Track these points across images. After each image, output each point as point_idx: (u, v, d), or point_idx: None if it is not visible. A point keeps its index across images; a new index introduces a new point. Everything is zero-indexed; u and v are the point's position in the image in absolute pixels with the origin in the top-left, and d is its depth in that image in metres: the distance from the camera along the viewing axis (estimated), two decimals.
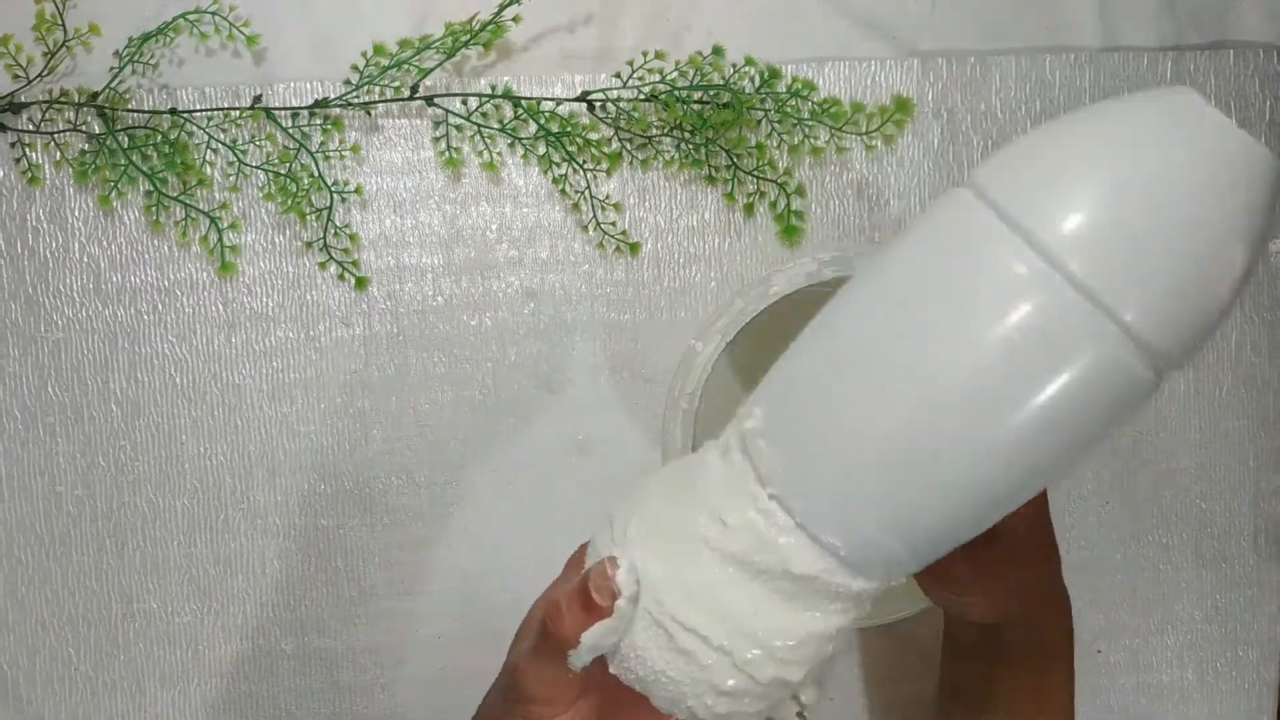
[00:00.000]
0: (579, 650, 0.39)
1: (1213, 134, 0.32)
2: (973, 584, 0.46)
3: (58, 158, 0.62)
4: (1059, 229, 0.31)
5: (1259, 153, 0.32)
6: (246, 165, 0.62)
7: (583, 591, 0.38)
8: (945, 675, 0.56)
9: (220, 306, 0.64)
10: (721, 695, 0.38)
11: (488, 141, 0.63)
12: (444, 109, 0.63)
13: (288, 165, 0.62)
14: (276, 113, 0.62)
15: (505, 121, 0.63)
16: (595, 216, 0.64)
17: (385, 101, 0.63)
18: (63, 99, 0.61)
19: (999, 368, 0.32)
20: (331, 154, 0.63)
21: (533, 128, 0.63)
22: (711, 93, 0.62)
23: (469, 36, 0.62)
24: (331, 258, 0.63)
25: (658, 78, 0.63)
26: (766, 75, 0.63)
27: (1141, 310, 0.31)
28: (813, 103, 0.64)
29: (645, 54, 0.63)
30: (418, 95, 0.62)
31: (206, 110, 0.62)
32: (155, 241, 0.63)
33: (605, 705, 0.43)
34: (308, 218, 0.63)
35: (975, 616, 0.48)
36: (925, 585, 0.47)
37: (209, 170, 0.63)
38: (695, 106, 0.62)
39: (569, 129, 0.63)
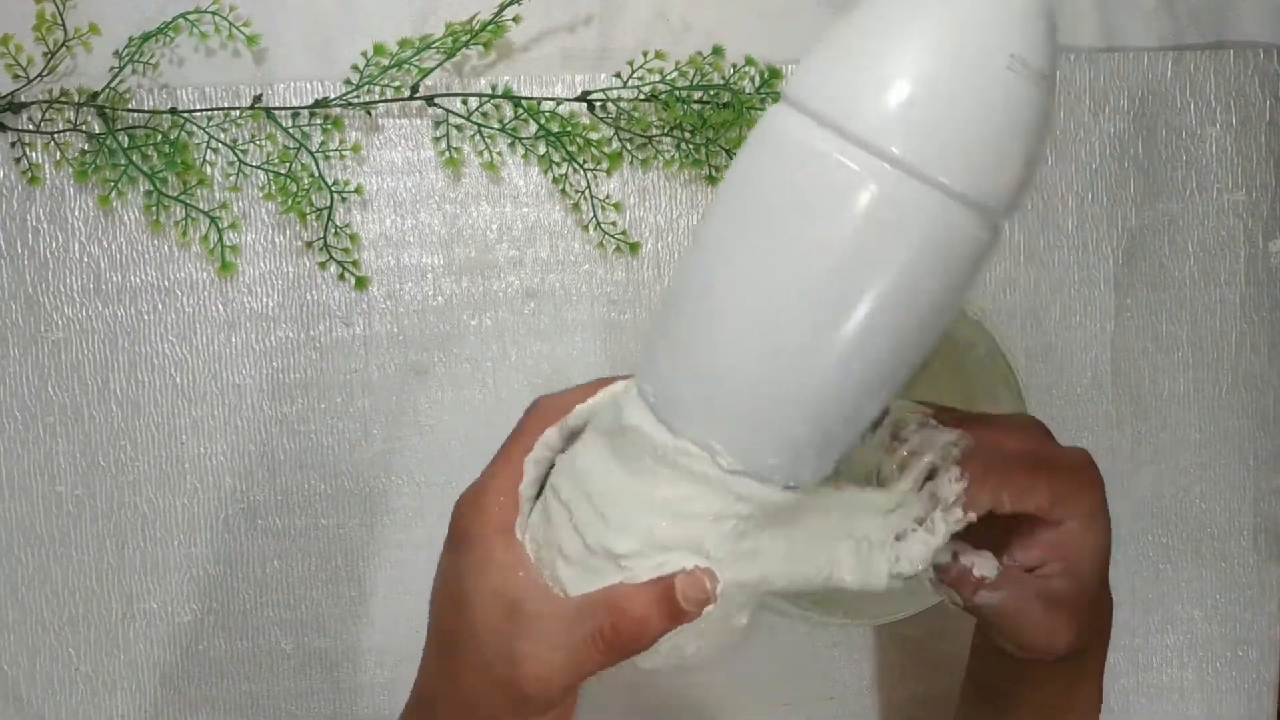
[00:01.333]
0: (653, 653, 0.38)
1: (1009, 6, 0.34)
2: (1055, 642, 0.43)
3: (58, 157, 0.62)
4: (866, 117, 0.33)
5: (1042, 6, 0.34)
6: (247, 165, 0.62)
7: (669, 603, 0.37)
8: (971, 673, 0.54)
9: (220, 306, 0.64)
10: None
11: (488, 141, 0.63)
12: (444, 109, 0.63)
13: (288, 165, 0.62)
14: (277, 112, 0.62)
15: (505, 121, 0.63)
16: (595, 216, 0.64)
17: (385, 101, 0.63)
18: (63, 99, 0.61)
19: (844, 258, 0.34)
20: (332, 154, 0.63)
21: (533, 128, 0.63)
22: (712, 93, 0.62)
23: (469, 36, 0.62)
24: (332, 257, 0.63)
25: (658, 78, 0.63)
26: (767, 75, 0.63)
27: (957, 171, 0.33)
28: None
29: (645, 54, 0.63)
30: (418, 95, 0.62)
31: (206, 110, 0.62)
32: (155, 241, 0.63)
33: None
34: (308, 217, 0.63)
35: (1035, 657, 0.46)
36: (1026, 652, 0.44)
37: (209, 170, 0.63)
38: (695, 106, 0.62)
39: (569, 129, 0.63)
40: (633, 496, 0.39)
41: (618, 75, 0.63)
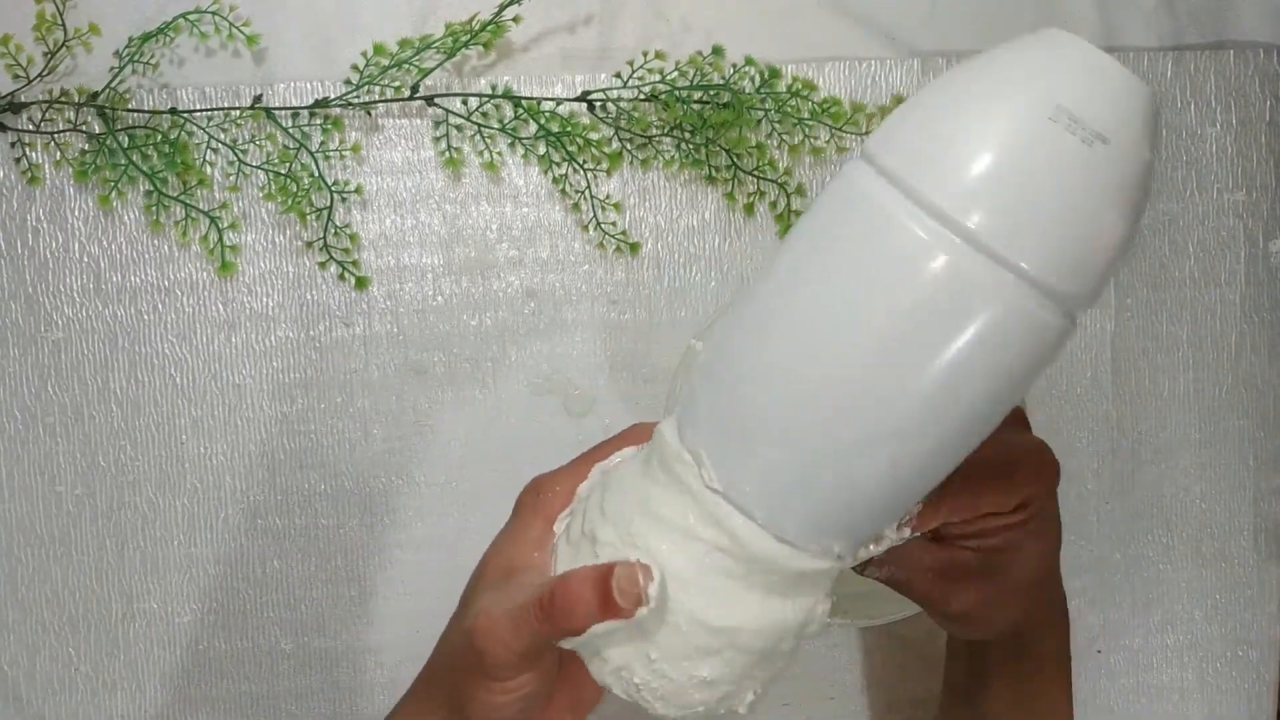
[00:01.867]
0: (578, 640, 0.38)
1: (1087, 73, 0.32)
2: (971, 617, 0.44)
3: (58, 157, 0.62)
4: (949, 189, 0.31)
5: (1135, 84, 0.32)
6: (247, 165, 0.62)
7: (603, 588, 0.36)
8: (947, 671, 0.56)
9: (220, 306, 0.64)
10: (698, 683, 0.38)
11: (488, 141, 0.63)
12: (444, 109, 0.63)
13: (288, 165, 0.62)
14: (277, 112, 0.62)
15: (505, 121, 0.63)
16: (595, 216, 0.64)
17: (385, 101, 0.63)
18: (63, 99, 0.61)
19: (908, 332, 0.32)
20: (332, 154, 0.63)
21: (533, 128, 0.63)
22: (711, 93, 0.62)
23: (469, 36, 0.62)
24: (332, 257, 0.63)
25: (658, 78, 0.63)
26: (766, 75, 0.63)
27: (1038, 256, 0.31)
28: (813, 103, 0.64)
29: (645, 54, 0.63)
30: (418, 95, 0.62)
31: (207, 110, 0.62)
32: (155, 241, 0.63)
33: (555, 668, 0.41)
34: (308, 217, 0.63)
35: (969, 637, 0.48)
36: (924, 606, 0.45)
37: (209, 170, 0.63)
38: (695, 106, 0.62)
39: (569, 129, 0.63)
40: (632, 492, 0.39)
41: (618, 75, 0.63)
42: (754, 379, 0.35)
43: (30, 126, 0.62)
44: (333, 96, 0.62)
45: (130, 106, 0.61)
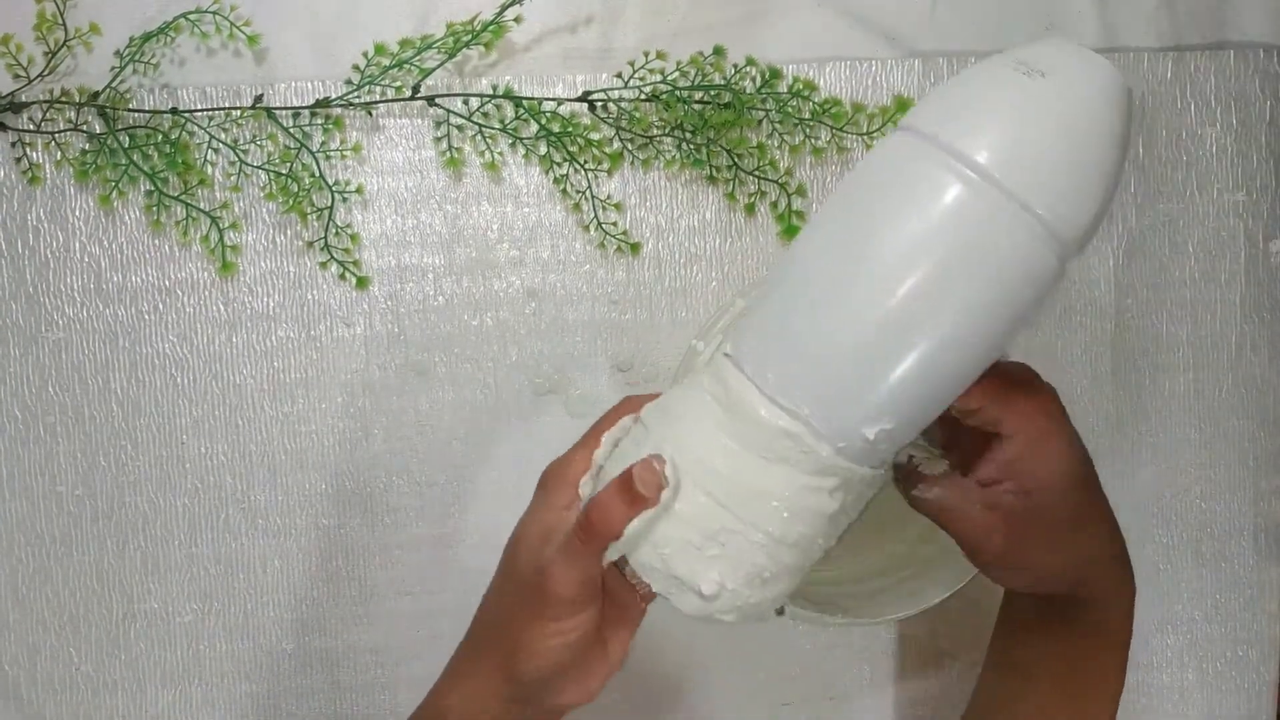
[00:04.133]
0: (620, 542, 0.41)
1: (1086, 68, 0.40)
2: (1010, 556, 0.46)
3: (58, 157, 0.62)
4: (981, 146, 0.38)
5: (1120, 80, 0.40)
6: (247, 165, 0.62)
7: (626, 486, 0.41)
8: (995, 644, 0.55)
9: (221, 306, 0.64)
10: (751, 578, 0.41)
11: (489, 141, 0.63)
12: (445, 109, 0.63)
13: (289, 165, 0.62)
14: (278, 112, 0.62)
15: (506, 121, 0.63)
16: (596, 216, 0.64)
17: (386, 101, 0.63)
18: (63, 98, 0.61)
19: (942, 258, 0.38)
20: (333, 154, 0.63)
21: (534, 128, 0.63)
22: (712, 93, 0.62)
23: (470, 36, 0.62)
24: (332, 257, 0.63)
25: (659, 78, 0.63)
26: (767, 75, 0.63)
27: (1048, 204, 0.38)
28: (814, 103, 0.64)
29: (646, 54, 0.63)
30: (419, 95, 0.62)
31: (207, 110, 0.62)
32: (156, 241, 0.63)
33: (602, 613, 0.45)
34: (309, 217, 0.63)
35: (1020, 585, 0.49)
36: (967, 552, 0.47)
37: (210, 170, 0.63)
38: (696, 107, 0.62)
39: (570, 129, 0.63)
40: (676, 404, 0.43)
41: (619, 75, 0.63)
42: (796, 290, 0.41)
43: (31, 126, 0.62)
44: (334, 96, 0.62)
45: (131, 106, 0.61)
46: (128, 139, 0.62)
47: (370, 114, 0.63)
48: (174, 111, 0.62)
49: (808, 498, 0.41)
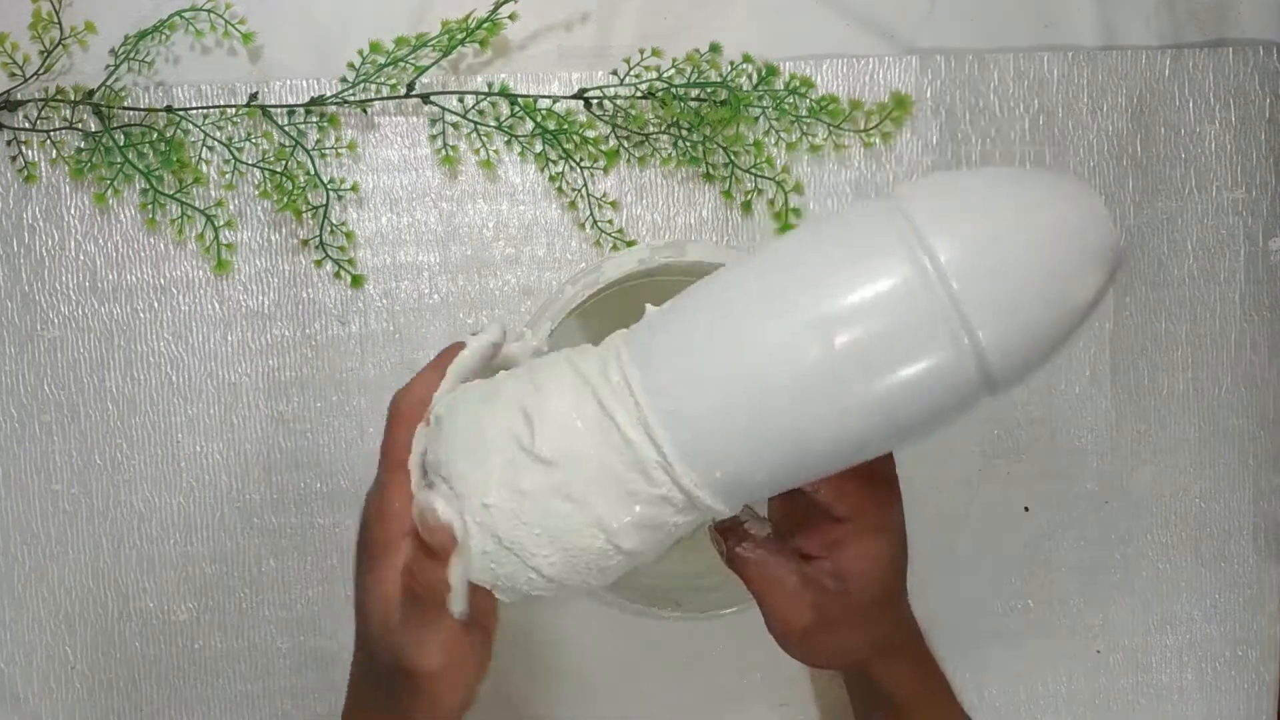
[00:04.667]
0: (453, 595, 0.40)
1: (1079, 216, 0.38)
2: (813, 631, 0.46)
3: (53, 155, 0.62)
4: (952, 249, 0.37)
5: (1110, 234, 0.38)
6: (242, 163, 0.62)
7: (422, 547, 0.40)
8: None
9: (216, 304, 0.63)
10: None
11: (484, 139, 0.63)
12: (440, 106, 0.63)
13: (284, 163, 0.62)
14: (272, 110, 0.62)
15: (502, 119, 0.63)
16: (592, 214, 0.64)
17: (381, 99, 0.63)
18: (59, 97, 0.61)
19: (872, 342, 0.37)
20: (327, 151, 0.63)
21: (529, 125, 0.63)
22: (709, 90, 0.62)
23: (465, 34, 0.61)
24: (328, 255, 0.63)
25: (655, 75, 0.63)
26: (764, 72, 0.63)
27: (992, 334, 0.37)
28: (810, 100, 0.63)
29: (642, 51, 0.63)
30: (414, 93, 0.62)
31: (202, 108, 0.62)
32: (151, 239, 0.63)
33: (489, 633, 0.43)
34: (304, 215, 0.63)
35: (814, 664, 0.51)
36: (773, 625, 0.47)
37: (205, 168, 0.63)
38: (692, 104, 0.62)
39: (566, 126, 0.63)
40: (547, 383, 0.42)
41: (614, 73, 0.63)
42: (715, 315, 0.40)
43: (26, 124, 0.62)
44: (329, 94, 0.62)
45: (126, 104, 0.61)
46: (123, 137, 0.62)
47: (365, 112, 0.63)
48: (169, 110, 0.62)
49: (642, 518, 0.40)
